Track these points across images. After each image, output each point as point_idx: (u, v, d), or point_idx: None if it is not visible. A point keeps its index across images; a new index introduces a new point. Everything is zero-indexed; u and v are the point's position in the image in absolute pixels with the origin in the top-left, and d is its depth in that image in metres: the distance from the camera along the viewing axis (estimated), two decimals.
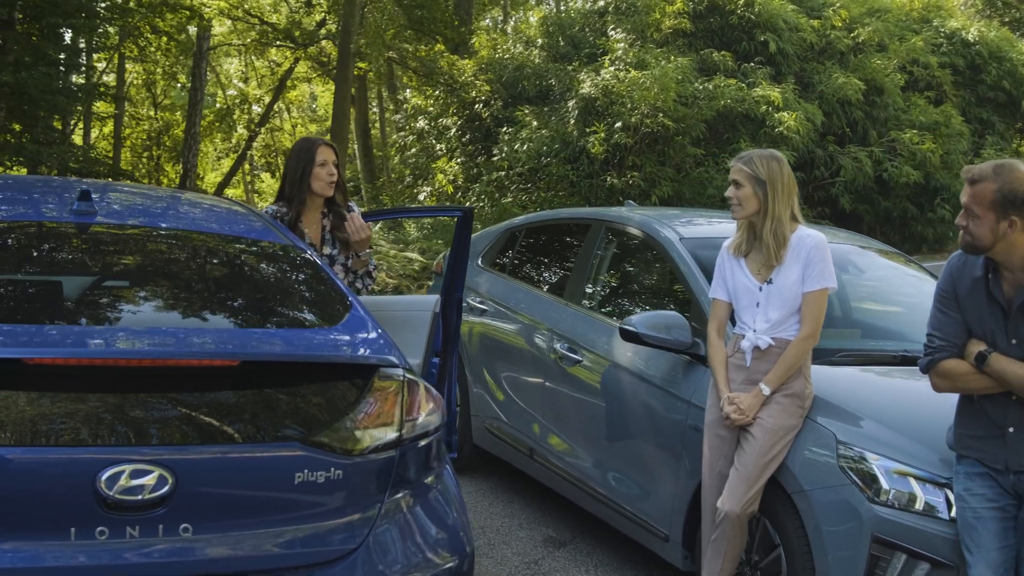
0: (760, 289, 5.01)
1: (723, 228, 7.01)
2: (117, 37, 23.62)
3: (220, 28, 35.58)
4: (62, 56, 18.89)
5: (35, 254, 4.17)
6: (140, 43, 24.37)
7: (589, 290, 6.95)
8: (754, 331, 4.99)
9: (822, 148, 21.26)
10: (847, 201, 21.02)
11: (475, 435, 7.93)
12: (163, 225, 4.71)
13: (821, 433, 4.83)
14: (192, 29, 26.43)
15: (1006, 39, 27.00)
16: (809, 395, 4.93)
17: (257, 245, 4.60)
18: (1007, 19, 38.12)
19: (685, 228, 6.58)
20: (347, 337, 3.81)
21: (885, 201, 21.92)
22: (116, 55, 27.31)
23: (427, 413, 3.80)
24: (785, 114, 19.57)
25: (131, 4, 19.78)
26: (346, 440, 3.52)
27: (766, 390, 4.87)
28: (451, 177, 22.62)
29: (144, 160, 39.92)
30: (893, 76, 22.81)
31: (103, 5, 18.16)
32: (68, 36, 20.51)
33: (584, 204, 19.32)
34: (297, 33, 27.89)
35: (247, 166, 41.33)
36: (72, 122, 24.90)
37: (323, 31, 28.48)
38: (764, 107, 19.78)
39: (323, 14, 27.98)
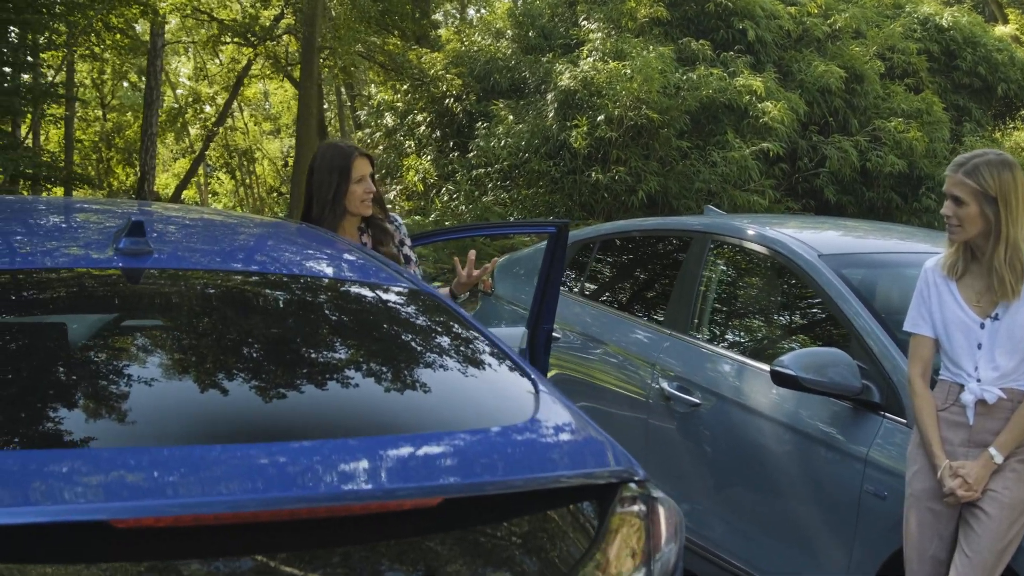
0: (982, 326, 4.05)
1: (855, 241, 6.21)
2: (68, 34, 22.69)
3: (168, 25, 34.73)
4: (11, 56, 18.03)
5: (82, 325, 2.92)
6: (92, 40, 23.38)
7: (698, 318, 5.89)
8: (977, 380, 4.01)
9: (805, 139, 20.70)
10: (832, 192, 20.43)
11: None
12: (252, 268, 3.45)
13: None
14: (138, 27, 25.51)
15: (979, 24, 26.60)
16: None
17: (381, 292, 3.45)
18: (967, 3, 37.87)
19: (819, 242, 5.61)
20: (566, 438, 2.74)
21: (869, 192, 21.35)
22: (63, 53, 26.26)
23: (669, 538, 2.68)
24: (769, 104, 18.99)
25: None
26: None
27: (998, 457, 3.92)
28: (422, 175, 21.89)
29: (93, 162, 39.02)
30: (872, 63, 22.29)
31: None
32: (14, 34, 19.61)
33: (568, 201, 18.68)
34: (257, 28, 26.96)
35: (201, 167, 40.40)
36: (22, 125, 23.93)
37: (281, 25, 27.60)
38: (747, 97, 19.17)
39: (280, 7, 27.08)
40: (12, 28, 16.69)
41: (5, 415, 2.32)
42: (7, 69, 19.20)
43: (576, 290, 7.00)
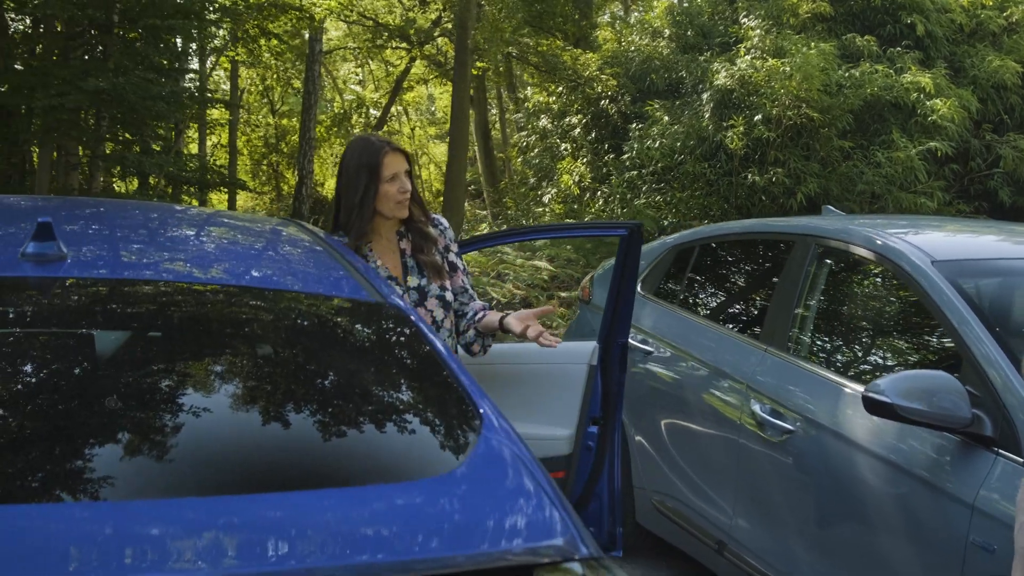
0: None
1: (985, 246, 5.48)
2: (225, 40, 22.88)
3: (336, 32, 35.05)
4: (165, 61, 18.15)
5: None
6: (250, 47, 23.57)
7: (798, 332, 5.21)
8: None
9: (978, 137, 19.60)
10: (1006, 194, 19.29)
11: (639, 512, 6.15)
12: (178, 278, 2.95)
13: None
14: (305, 33, 25.70)
15: None
16: None
17: (323, 308, 2.92)
18: None
19: (935, 246, 4.86)
20: (493, 499, 2.16)
21: None
22: (227, 60, 26.59)
23: None
24: (938, 101, 18.00)
25: (239, 5, 18.91)
26: None
27: None
28: (577, 178, 21.47)
29: (264, 168, 39.77)
30: None
31: (210, 6, 17.31)
32: (179, 41, 19.79)
33: (723, 204, 18.05)
34: (412, 32, 26.93)
35: None
36: (184, 130, 24.27)
37: (439, 29, 27.53)
38: (915, 94, 18.21)
39: (438, 12, 27.01)
40: (164, 35, 16.80)
41: None
42: (172, 74, 19.41)
43: (671, 298, 6.45)
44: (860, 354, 5.14)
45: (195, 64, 28.32)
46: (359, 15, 29.36)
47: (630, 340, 6.30)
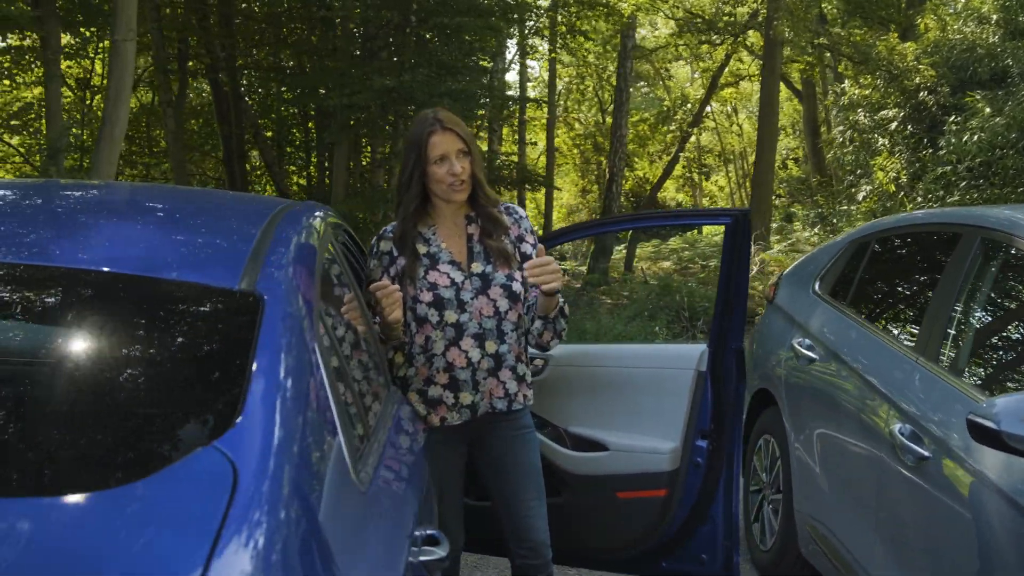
0: None
1: None
2: (525, 37, 23.00)
3: (666, 29, 34.91)
4: (469, 58, 18.42)
5: None
6: (558, 43, 23.65)
7: (950, 342, 4.26)
8: None
9: None
10: None
11: (801, 540, 5.33)
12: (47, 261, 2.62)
13: None
14: (642, 31, 25.63)
15: None
16: None
17: (164, 293, 2.51)
18: None
19: None
20: (121, 523, 1.74)
21: None
22: (537, 57, 26.85)
23: None
24: None
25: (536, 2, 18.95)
26: None
27: None
28: (893, 175, 20.38)
29: (591, 166, 40.15)
30: None
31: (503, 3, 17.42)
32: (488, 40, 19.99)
33: None
34: (721, 24, 26.37)
35: (691, 167, 40.41)
36: (496, 128, 24.62)
37: (755, 21, 26.89)
38: None
39: (755, 5, 26.35)
40: (455, 33, 17.01)
41: None
42: (488, 72, 19.62)
43: (842, 299, 5.67)
44: (1009, 370, 4.11)
45: (514, 64, 28.74)
46: (686, 12, 29.05)
47: (798, 345, 5.58)
